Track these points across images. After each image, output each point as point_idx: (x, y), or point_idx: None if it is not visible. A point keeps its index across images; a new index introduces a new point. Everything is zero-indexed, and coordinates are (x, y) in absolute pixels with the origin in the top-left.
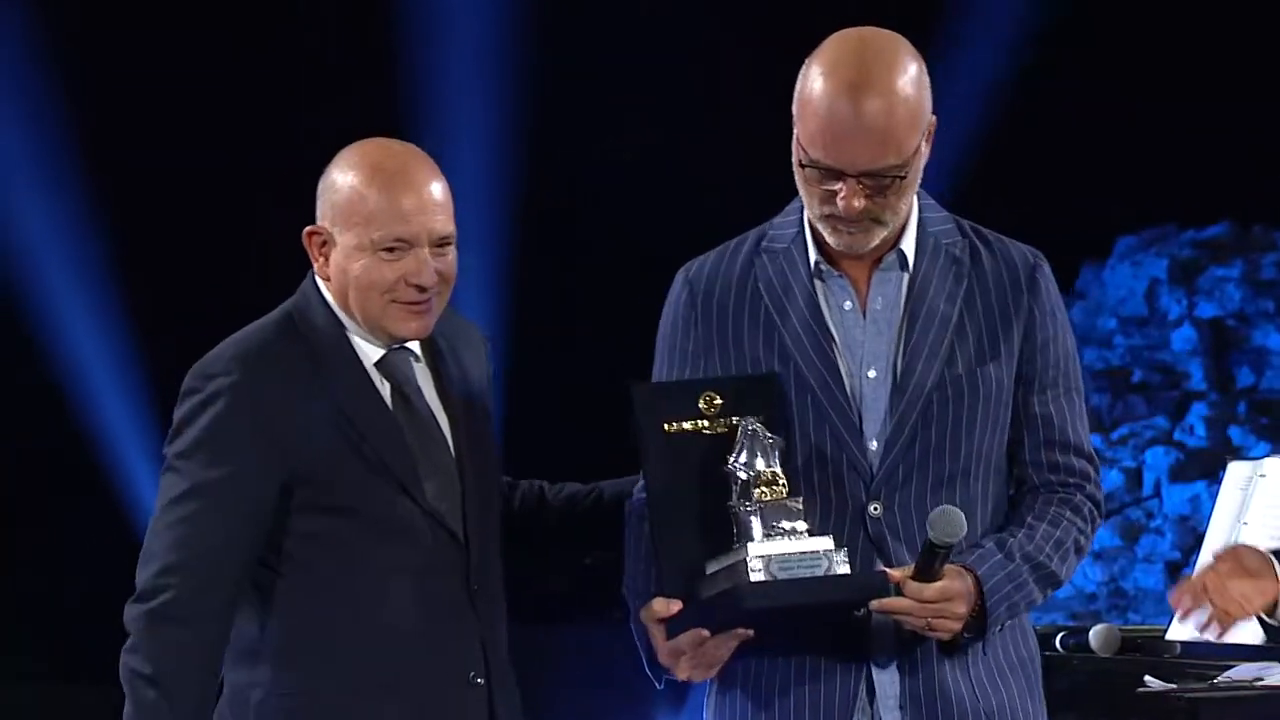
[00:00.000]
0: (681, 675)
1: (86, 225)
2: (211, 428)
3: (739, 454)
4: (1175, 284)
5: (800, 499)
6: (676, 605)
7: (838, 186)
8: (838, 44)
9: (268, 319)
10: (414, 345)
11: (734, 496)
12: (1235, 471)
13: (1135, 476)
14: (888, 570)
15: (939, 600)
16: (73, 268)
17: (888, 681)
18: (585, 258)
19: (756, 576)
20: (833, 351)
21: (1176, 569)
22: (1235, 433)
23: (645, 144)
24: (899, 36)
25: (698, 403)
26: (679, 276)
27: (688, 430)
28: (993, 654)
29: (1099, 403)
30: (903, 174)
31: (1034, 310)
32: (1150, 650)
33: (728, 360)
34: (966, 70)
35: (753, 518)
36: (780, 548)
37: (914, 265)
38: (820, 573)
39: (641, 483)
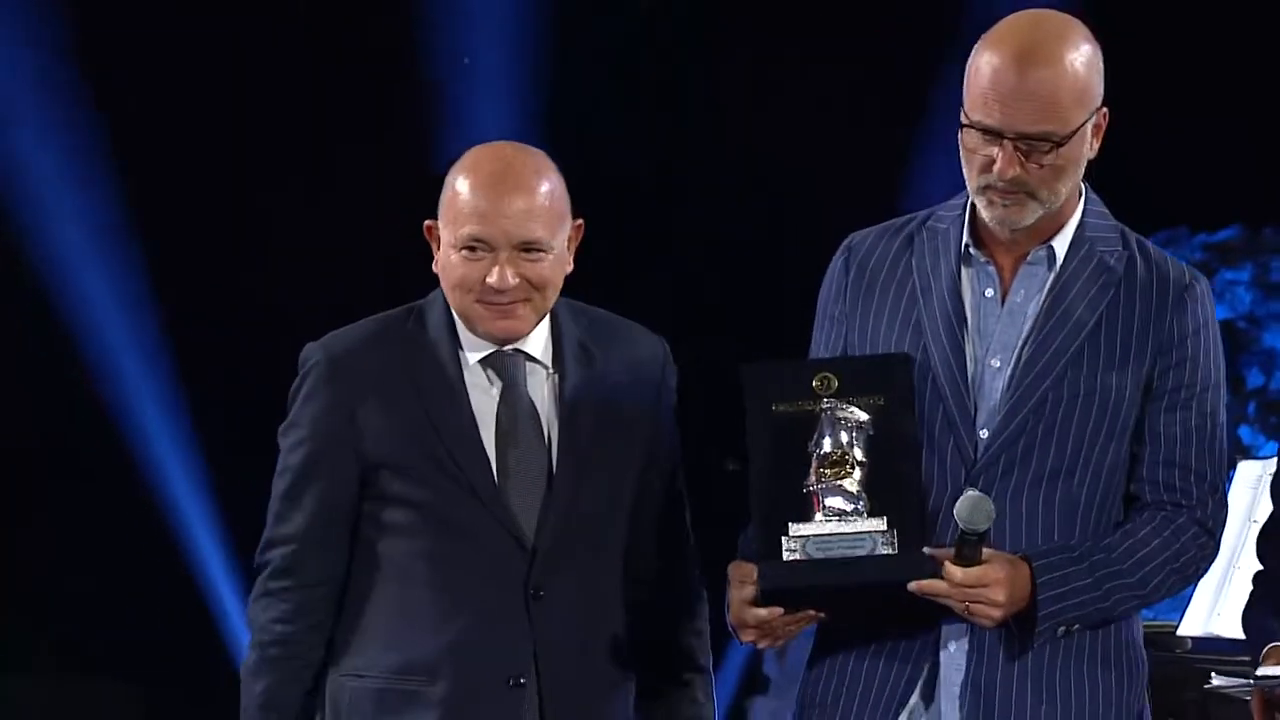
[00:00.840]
0: (745, 640)
1: (119, 222)
2: (298, 409)
3: (818, 434)
4: None
5: (861, 481)
6: (751, 579)
7: (995, 151)
8: (1011, 20)
9: (389, 311)
10: (533, 348)
11: (809, 475)
12: (1245, 470)
13: None
14: (933, 552)
15: (973, 585)
16: (105, 265)
17: (953, 671)
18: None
19: (790, 556)
20: (962, 336)
21: None
22: (1245, 432)
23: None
24: (1074, 19)
25: (811, 383)
26: (842, 245)
27: (796, 410)
28: (1077, 664)
29: None
30: (1060, 143)
31: (1175, 327)
32: (1163, 645)
33: (865, 329)
34: None
35: (813, 497)
36: (821, 529)
37: (1062, 264)
38: (862, 554)
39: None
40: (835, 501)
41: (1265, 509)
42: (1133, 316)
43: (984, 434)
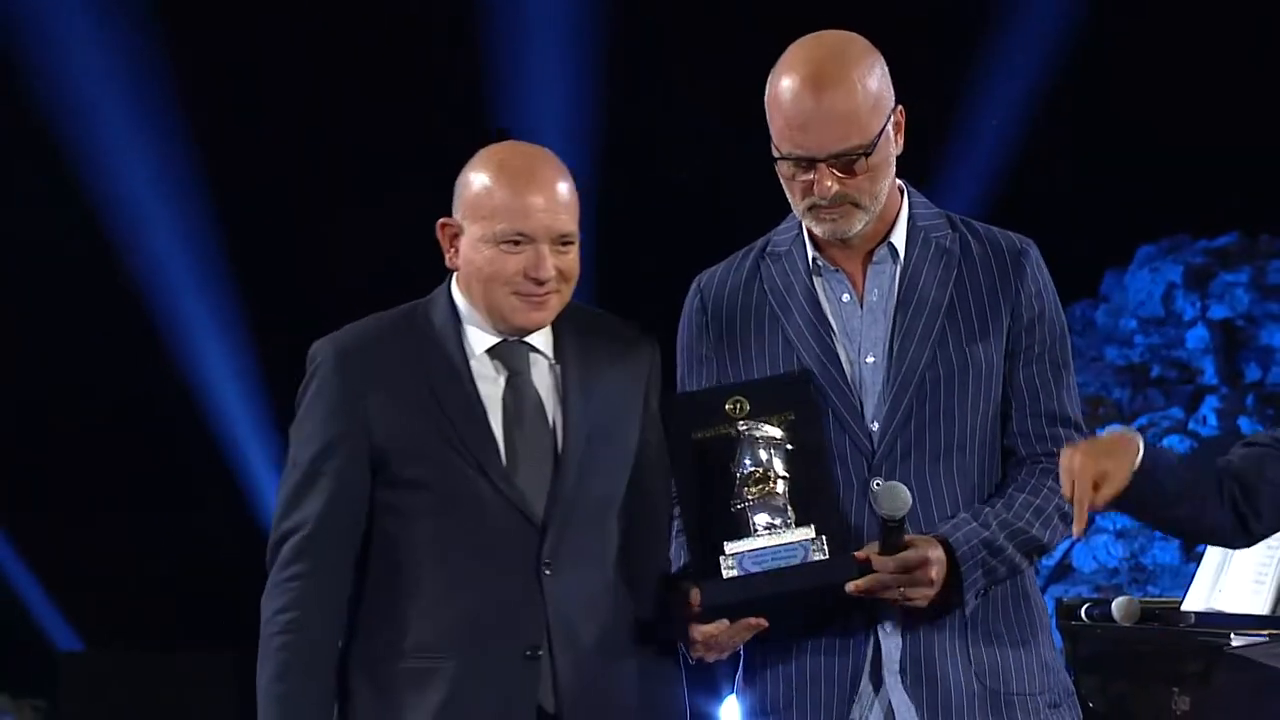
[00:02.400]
0: (694, 655)
1: (207, 231)
2: (308, 405)
3: (739, 455)
4: (1190, 288)
5: (784, 494)
6: (694, 599)
7: (811, 175)
8: (796, 48)
9: (390, 310)
10: (536, 340)
11: (735, 495)
12: None
13: None
14: (855, 554)
15: (903, 570)
16: (195, 273)
17: (892, 649)
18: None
19: (729, 573)
20: (833, 341)
21: (1191, 546)
22: (1244, 423)
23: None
24: (854, 35)
25: (724, 407)
26: (692, 286)
27: (714, 435)
28: (989, 620)
29: (1120, 396)
30: (868, 153)
31: (1020, 291)
32: (1167, 620)
33: (735, 359)
34: (1002, 95)
35: (743, 515)
36: (755, 543)
37: (904, 256)
38: (796, 562)
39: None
40: (764, 516)
41: None
42: (980, 289)
43: (875, 426)
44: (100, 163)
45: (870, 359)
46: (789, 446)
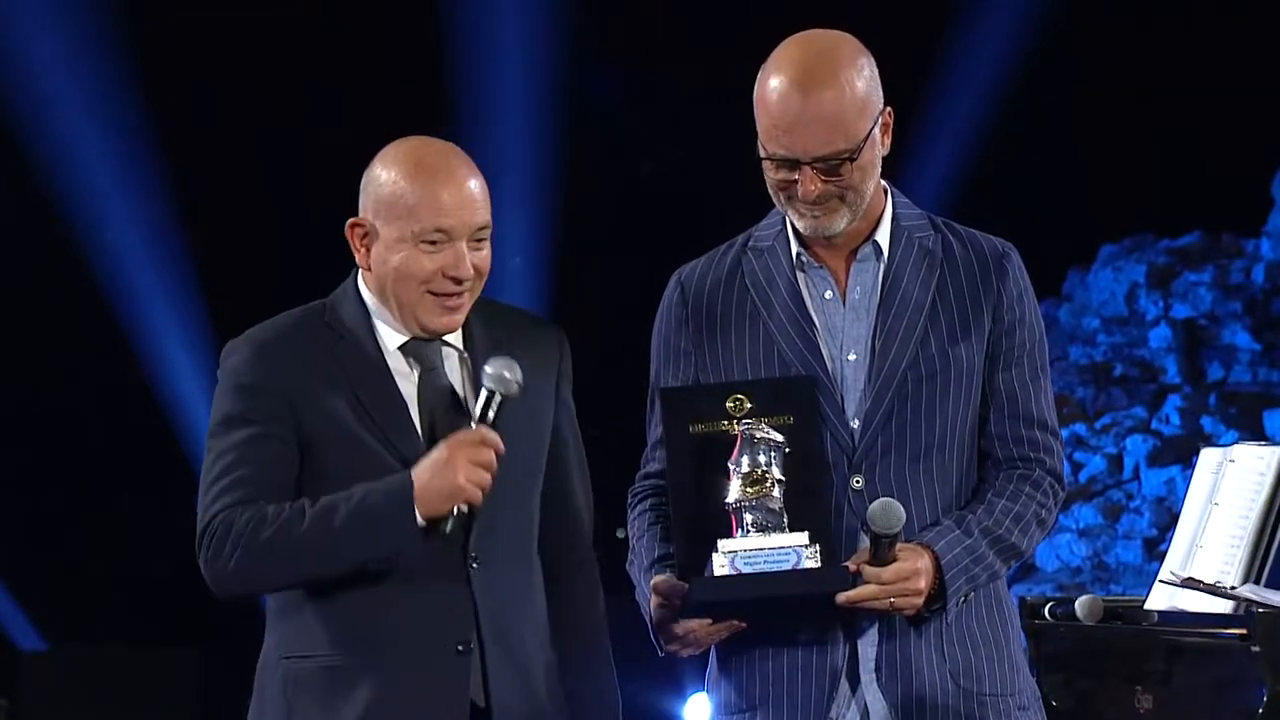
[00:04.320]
0: (669, 649)
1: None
2: (231, 398)
3: (737, 454)
4: (1152, 287)
5: (780, 498)
6: (675, 589)
7: (795, 176)
8: (785, 46)
9: (296, 309)
10: (451, 337)
11: (729, 494)
12: (1207, 457)
13: (1116, 461)
14: (847, 565)
15: (896, 581)
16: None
17: (868, 651)
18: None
19: (721, 571)
20: (815, 337)
21: (1154, 545)
22: (1207, 422)
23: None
24: (844, 34)
25: (725, 404)
26: (672, 279)
27: (712, 431)
28: (964, 622)
29: (1084, 395)
30: (853, 157)
31: (1002, 295)
32: (1130, 618)
33: (715, 353)
34: (964, 95)
35: (737, 515)
36: (747, 544)
37: (888, 255)
38: (787, 567)
39: (651, 467)
40: (758, 517)
41: (1225, 493)
42: (962, 290)
43: (856, 423)
44: (58, 156)
45: (852, 356)
46: (787, 450)
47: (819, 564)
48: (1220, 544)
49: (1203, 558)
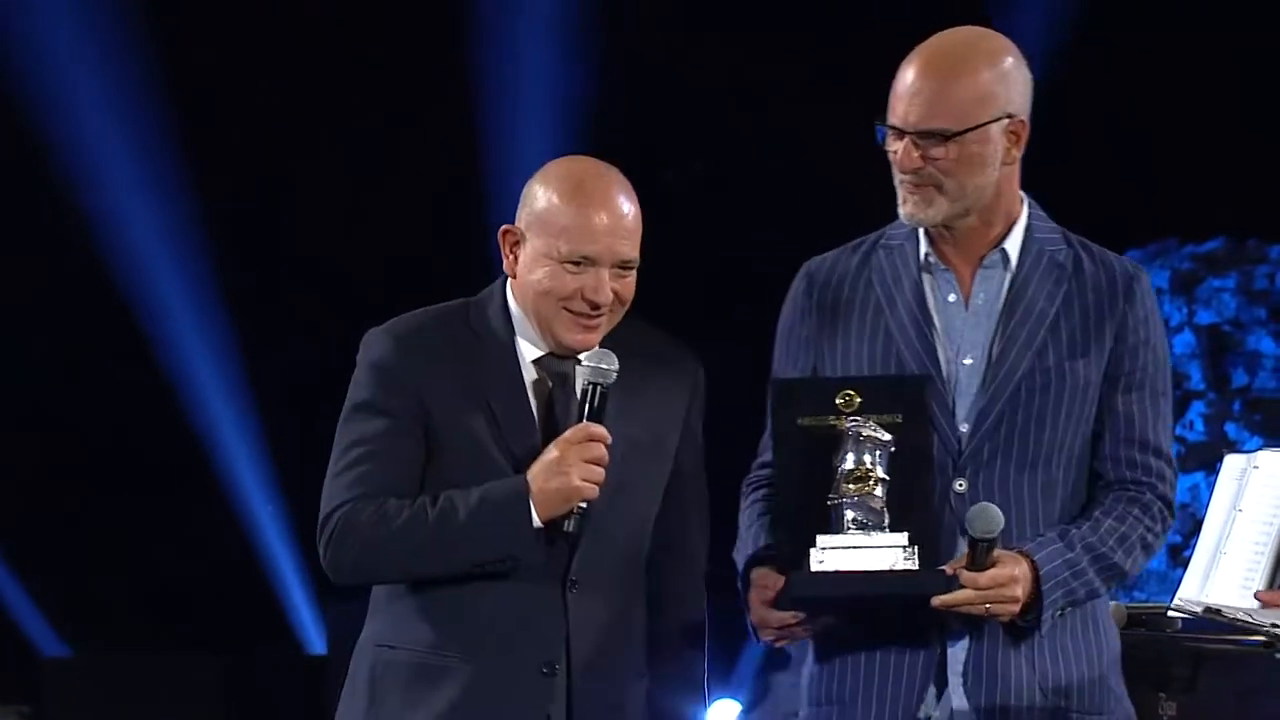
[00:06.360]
0: (763, 639)
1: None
2: (363, 391)
3: (843, 450)
4: (1176, 293)
5: (882, 497)
6: (774, 581)
7: (899, 146)
8: (936, 35)
9: (445, 304)
10: (582, 354)
11: (834, 490)
12: (1231, 463)
13: None
14: (945, 568)
15: (993, 586)
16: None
17: (959, 654)
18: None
19: (818, 567)
20: (933, 338)
21: (1178, 551)
22: (1231, 428)
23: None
24: (994, 34)
25: (834, 399)
26: (801, 270)
27: (820, 425)
28: (1058, 636)
29: None
30: (950, 136)
31: (1127, 315)
32: (1154, 625)
33: (834, 347)
34: None
35: (838, 511)
36: (847, 541)
37: (1016, 264)
38: (885, 567)
39: (766, 456)
40: (860, 515)
41: (1249, 499)
42: (1088, 307)
43: (965, 428)
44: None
45: (968, 360)
46: (893, 449)
47: (917, 566)
48: (1244, 550)
49: (1226, 564)
